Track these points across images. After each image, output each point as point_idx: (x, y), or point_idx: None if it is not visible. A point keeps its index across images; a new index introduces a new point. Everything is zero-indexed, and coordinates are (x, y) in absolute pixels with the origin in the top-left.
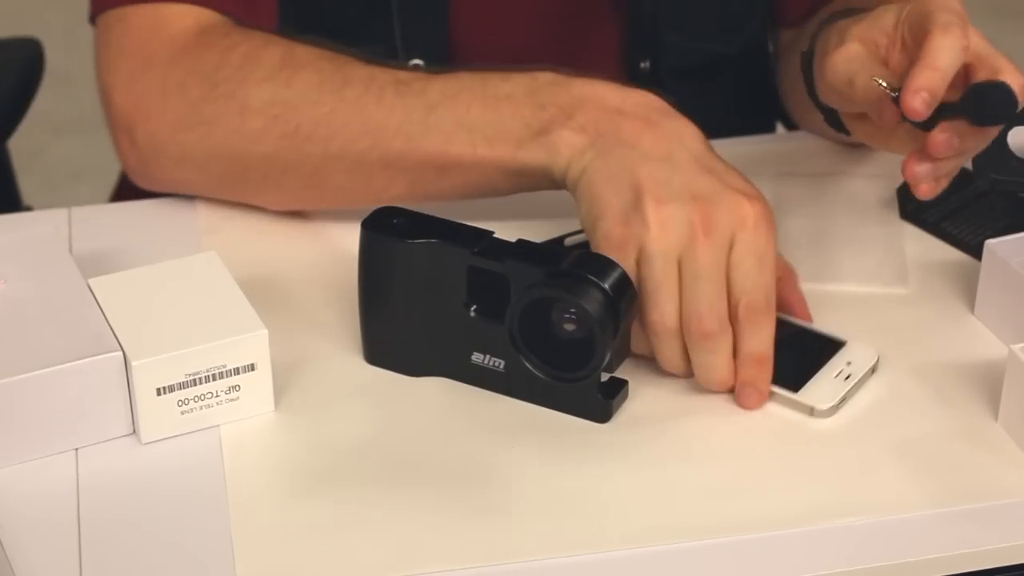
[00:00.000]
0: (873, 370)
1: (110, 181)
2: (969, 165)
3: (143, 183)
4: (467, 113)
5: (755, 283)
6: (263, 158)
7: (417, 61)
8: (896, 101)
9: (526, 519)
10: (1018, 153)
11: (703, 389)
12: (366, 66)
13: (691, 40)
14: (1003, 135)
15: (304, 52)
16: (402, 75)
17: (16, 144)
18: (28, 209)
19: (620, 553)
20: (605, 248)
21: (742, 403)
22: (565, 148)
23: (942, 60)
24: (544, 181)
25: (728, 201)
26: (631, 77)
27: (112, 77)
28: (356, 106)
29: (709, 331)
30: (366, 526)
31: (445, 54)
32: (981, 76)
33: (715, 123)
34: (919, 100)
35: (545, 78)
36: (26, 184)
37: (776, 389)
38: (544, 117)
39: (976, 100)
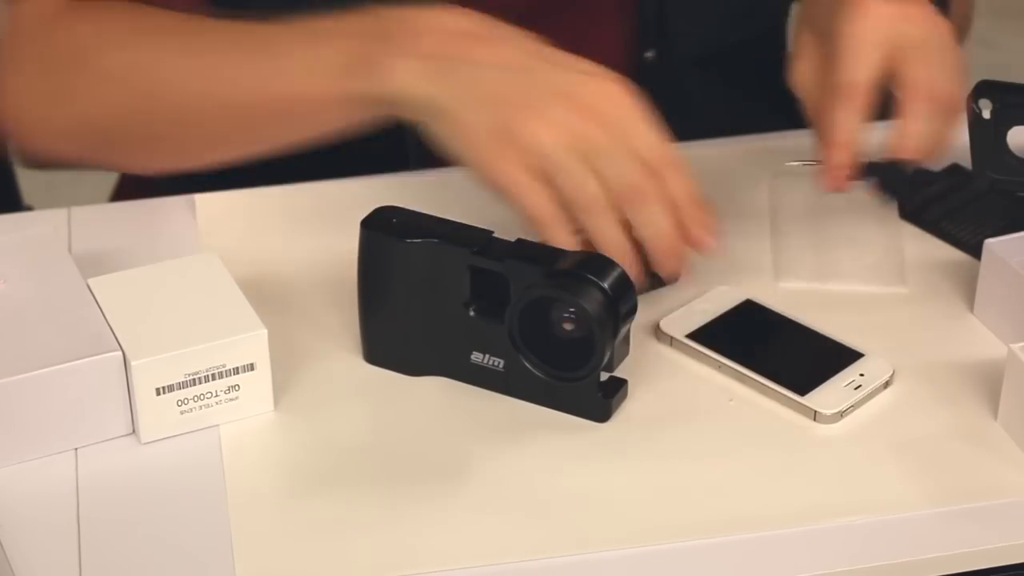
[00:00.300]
0: (887, 384)
1: (110, 181)
2: (969, 165)
3: (27, 164)
4: (302, 54)
5: (650, 140)
6: (122, 125)
7: None
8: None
9: (526, 519)
10: (1018, 153)
11: (703, 389)
12: (215, 25)
13: (700, 27)
14: (1003, 135)
15: (153, 17)
16: (247, 27)
17: None
18: (28, 209)
19: (620, 553)
20: (487, 171)
21: (697, 245)
22: (400, 74)
23: (842, 135)
24: (384, 110)
25: (593, 86)
26: (636, 67)
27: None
28: (201, 61)
29: (637, 184)
30: (366, 526)
31: None
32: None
33: (738, 112)
34: (839, 179)
35: (371, 12)
36: (26, 184)
37: (783, 391)
38: (374, 47)
39: (872, 176)
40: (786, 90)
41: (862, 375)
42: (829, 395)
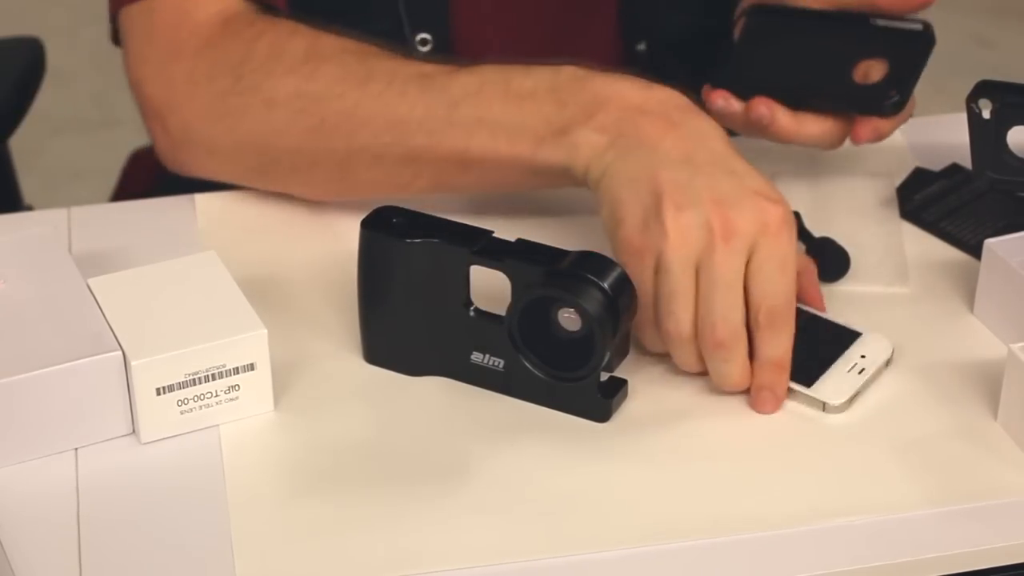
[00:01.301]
0: (888, 363)
1: (110, 181)
2: (969, 165)
3: (176, 169)
4: (488, 110)
5: (776, 289)
6: (289, 151)
7: (424, 35)
8: None
9: (526, 519)
10: (1018, 153)
11: (704, 389)
12: (390, 59)
13: (688, 16)
14: (1003, 135)
15: (328, 44)
16: (426, 69)
17: (16, 144)
18: (28, 209)
19: (620, 553)
20: (624, 255)
21: (758, 407)
22: (585, 148)
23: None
24: (564, 179)
25: (749, 205)
26: (628, 59)
27: (142, 69)
28: (380, 100)
29: (722, 341)
30: (366, 526)
31: (446, 30)
32: None
33: None
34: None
35: (568, 73)
36: (26, 184)
37: (790, 384)
38: (565, 115)
39: (812, 257)
40: None
41: (863, 356)
42: (835, 384)
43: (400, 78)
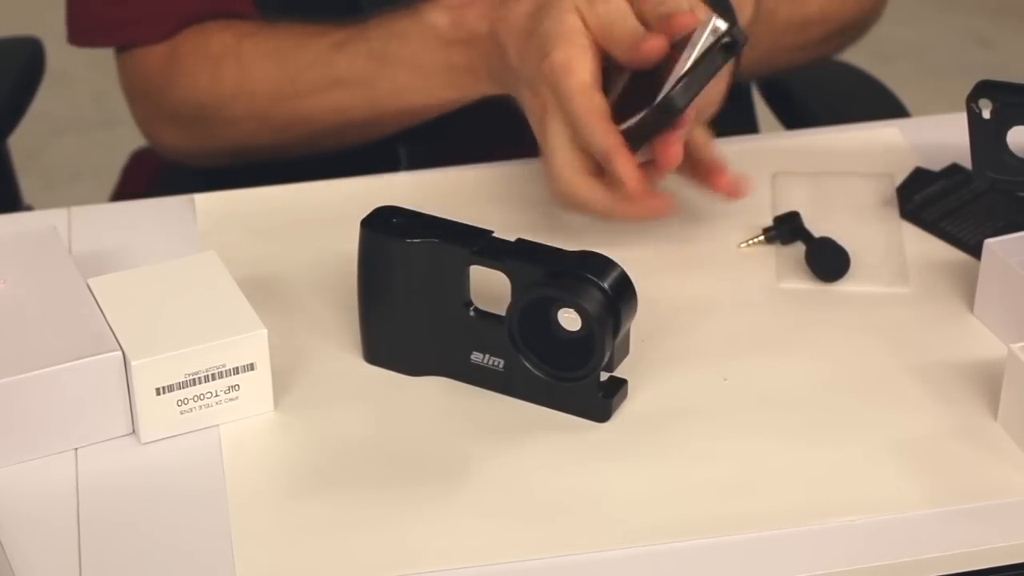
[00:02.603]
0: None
1: (110, 181)
2: (969, 165)
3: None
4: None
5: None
6: (258, 147)
7: None
8: None
9: (526, 519)
10: (1018, 153)
11: (704, 389)
12: (311, 36)
13: None
14: (1003, 135)
15: (255, 49)
16: (346, 37)
17: (16, 144)
18: (28, 209)
19: (620, 553)
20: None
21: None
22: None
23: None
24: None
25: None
26: None
27: (135, 117)
28: (326, 95)
29: None
30: (366, 526)
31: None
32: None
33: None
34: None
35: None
36: (26, 184)
37: None
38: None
39: (812, 257)
40: (776, 85)
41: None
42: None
43: (339, 59)
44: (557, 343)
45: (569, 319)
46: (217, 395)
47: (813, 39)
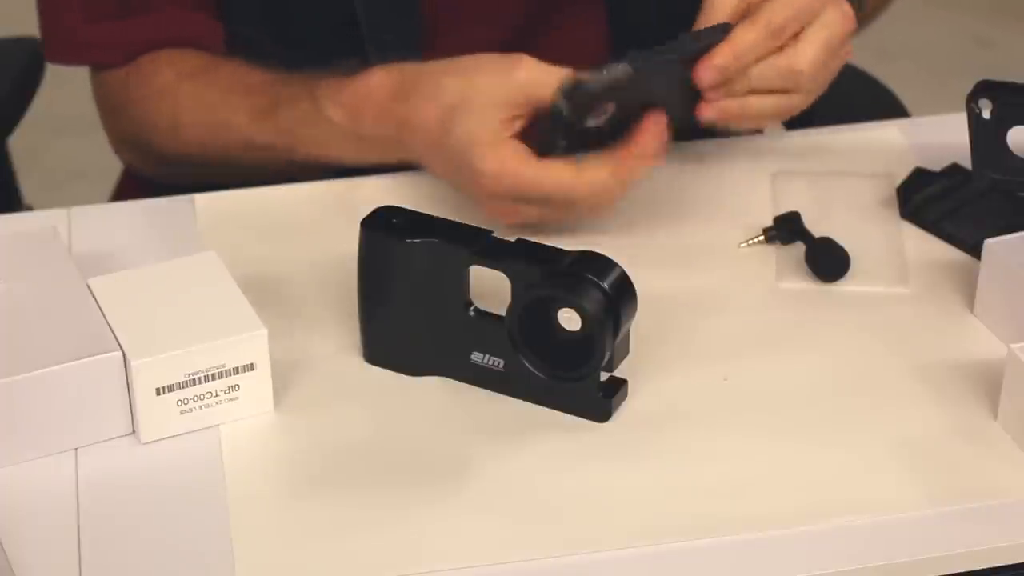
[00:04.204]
0: None
1: (110, 181)
2: (969, 165)
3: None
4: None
5: None
6: (207, 171)
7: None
8: None
9: (526, 519)
10: (1018, 153)
11: (704, 389)
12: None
13: (676, 27)
14: (1003, 135)
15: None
16: (268, 92)
17: (16, 144)
18: (28, 209)
19: (620, 553)
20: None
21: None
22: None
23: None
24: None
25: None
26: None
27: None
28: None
29: None
30: (366, 526)
31: (418, 44)
32: None
33: None
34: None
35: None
36: (26, 184)
37: None
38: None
39: (812, 257)
40: None
41: None
42: None
43: (259, 121)
44: (557, 343)
45: (569, 319)
46: (217, 395)
47: None
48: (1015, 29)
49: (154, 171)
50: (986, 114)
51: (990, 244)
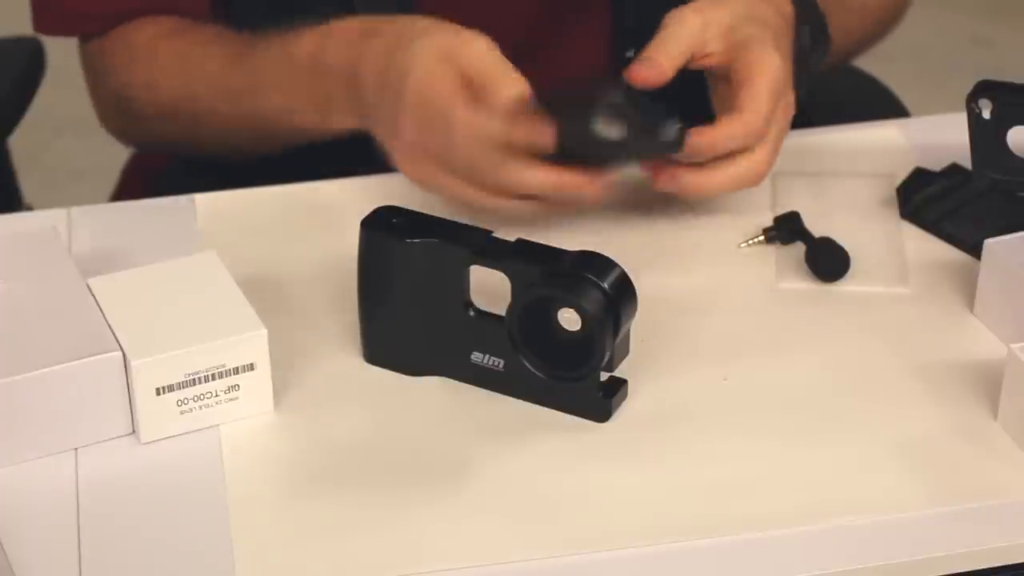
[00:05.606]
0: None
1: (110, 181)
2: (969, 165)
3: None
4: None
5: None
6: (175, 142)
7: None
8: None
9: (526, 519)
10: (1018, 153)
11: (704, 389)
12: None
13: None
14: (1003, 135)
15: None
16: (237, 53)
17: (16, 144)
18: (28, 209)
19: (620, 553)
20: None
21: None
22: None
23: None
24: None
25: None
26: (618, 65)
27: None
28: (234, 106)
29: None
30: (366, 526)
31: None
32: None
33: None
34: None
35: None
36: (26, 184)
37: None
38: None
39: (812, 257)
40: None
41: None
42: None
43: (234, 80)
44: (557, 343)
45: (569, 319)
46: (217, 395)
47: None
48: (1015, 29)
49: (136, 138)
50: (986, 114)
51: (990, 244)
